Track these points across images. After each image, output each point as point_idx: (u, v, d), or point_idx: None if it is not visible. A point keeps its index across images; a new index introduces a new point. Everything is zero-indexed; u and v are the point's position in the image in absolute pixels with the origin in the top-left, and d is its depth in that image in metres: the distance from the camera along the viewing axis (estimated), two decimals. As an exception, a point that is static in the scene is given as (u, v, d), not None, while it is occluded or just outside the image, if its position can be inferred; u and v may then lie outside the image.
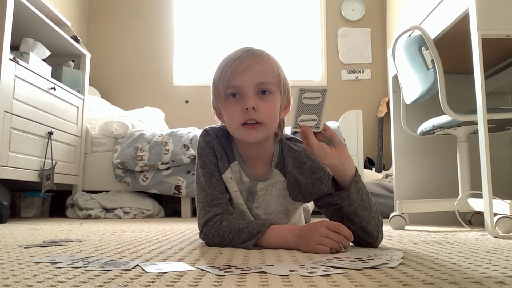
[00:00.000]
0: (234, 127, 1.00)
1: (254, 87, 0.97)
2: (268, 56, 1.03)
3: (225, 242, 0.97)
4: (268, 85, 0.98)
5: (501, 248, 0.98)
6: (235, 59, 0.98)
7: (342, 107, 3.63)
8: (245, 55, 0.99)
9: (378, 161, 3.58)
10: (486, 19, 1.33)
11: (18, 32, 2.19)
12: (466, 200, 1.62)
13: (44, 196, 2.43)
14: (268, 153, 1.08)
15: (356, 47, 3.97)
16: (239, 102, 0.98)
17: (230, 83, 0.98)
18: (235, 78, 0.97)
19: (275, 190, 1.09)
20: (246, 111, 0.96)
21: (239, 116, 0.97)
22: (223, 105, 1.01)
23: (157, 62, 3.94)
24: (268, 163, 1.09)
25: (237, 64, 0.97)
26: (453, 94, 1.67)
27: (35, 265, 0.70)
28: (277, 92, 1.01)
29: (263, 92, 0.98)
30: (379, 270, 0.67)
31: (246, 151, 1.08)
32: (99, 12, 4.00)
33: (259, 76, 0.97)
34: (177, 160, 2.50)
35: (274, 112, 1.00)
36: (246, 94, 0.97)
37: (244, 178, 1.08)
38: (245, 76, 0.97)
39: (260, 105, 0.97)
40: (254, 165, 1.09)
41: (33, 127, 2.15)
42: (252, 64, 0.97)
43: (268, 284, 0.56)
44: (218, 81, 1.00)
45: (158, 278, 0.60)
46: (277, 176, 1.08)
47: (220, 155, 1.07)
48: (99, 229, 1.56)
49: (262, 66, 0.99)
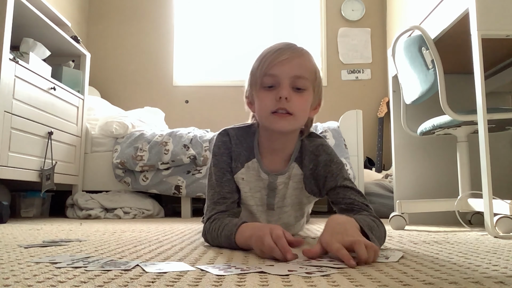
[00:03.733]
0: (264, 114, 1.01)
1: (290, 78, 0.99)
2: (308, 53, 1.05)
3: (214, 241, 0.99)
4: (303, 80, 1.00)
5: (501, 248, 0.98)
6: (275, 50, 1.01)
7: (342, 107, 3.63)
8: (286, 47, 1.01)
9: (378, 161, 3.58)
10: (486, 19, 1.33)
11: (18, 32, 2.19)
12: (466, 200, 1.62)
13: (44, 196, 2.43)
14: (289, 148, 1.10)
15: (356, 47, 3.97)
16: (273, 91, 0.99)
17: (267, 72, 0.99)
18: (274, 67, 0.99)
19: (292, 183, 1.10)
20: (279, 100, 0.97)
21: (271, 104, 0.99)
22: (257, 93, 1.02)
23: (157, 62, 3.94)
24: (287, 158, 1.10)
25: (277, 55, 0.99)
26: (453, 94, 1.67)
27: (35, 265, 0.70)
28: (310, 89, 1.03)
29: (297, 87, 1.00)
30: (379, 270, 0.67)
31: (270, 143, 1.09)
32: (99, 12, 4.00)
33: (297, 69, 0.99)
34: (177, 160, 2.50)
35: (305, 107, 1.02)
36: (281, 84, 0.98)
37: (262, 175, 1.09)
38: (283, 67, 0.98)
39: (293, 97, 0.98)
40: (273, 160, 1.10)
41: (33, 127, 2.15)
42: (292, 57, 0.99)
43: (268, 284, 0.56)
44: (256, 69, 1.02)
45: (158, 278, 0.60)
46: (295, 169, 1.10)
47: (236, 156, 1.09)
48: (99, 229, 1.56)
49: (301, 60, 1.01)
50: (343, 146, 2.56)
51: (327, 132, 2.58)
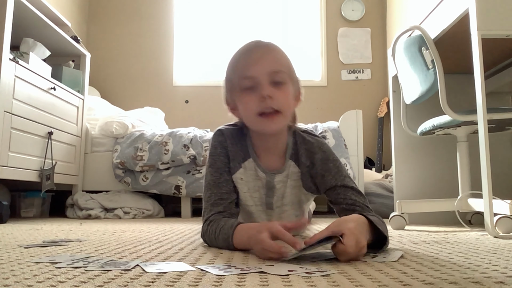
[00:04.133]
0: (251, 118, 1.01)
1: (268, 75, 0.98)
2: (277, 46, 1.05)
3: (213, 243, 0.98)
4: (281, 74, 1.00)
5: (501, 248, 0.98)
6: (246, 51, 1.01)
7: (342, 107, 3.63)
8: (255, 46, 1.02)
9: (378, 161, 3.58)
10: (486, 19, 1.33)
11: (18, 32, 2.19)
12: (466, 200, 1.62)
13: (44, 196, 2.43)
14: (282, 145, 1.09)
15: (356, 47, 3.97)
16: (255, 92, 0.98)
17: (244, 74, 0.99)
18: (249, 69, 0.99)
19: (290, 181, 1.10)
20: (262, 100, 0.97)
21: (255, 106, 0.98)
22: (239, 98, 1.02)
23: (157, 62, 3.94)
24: (282, 155, 1.10)
25: (249, 55, 1.00)
26: (453, 94, 1.67)
27: (35, 265, 0.70)
28: (289, 81, 1.02)
29: (276, 82, 0.99)
30: (379, 270, 0.67)
31: (262, 143, 1.08)
32: (99, 12, 4.00)
33: (272, 65, 0.99)
34: (177, 160, 2.50)
35: (289, 100, 1.02)
36: (261, 83, 0.98)
37: (260, 174, 1.09)
38: (258, 65, 0.98)
39: (276, 93, 0.98)
40: (268, 158, 1.10)
41: (33, 127, 2.15)
42: (264, 53, 1.00)
43: (268, 284, 0.56)
44: (232, 74, 1.02)
45: (158, 278, 0.60)
46: (291, 168, 1.09)
47: (234, 155, 1.08)
48: (99, 229, 1.56)
49: (273, 55, 1.01)
50: (343, 146, 2.56)
51: (327, 132, 2.58)
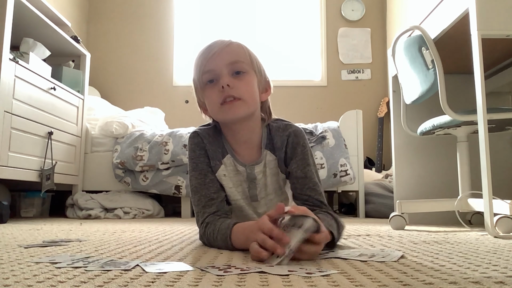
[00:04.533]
0: (215, 109, 1.03)
1: (227, 67, 1.00)
2: (237, 42, 1.07)
3: (213, 245, 0.98)
4: (239, 64, 1.02)
5: (501, 248, 0.98)
6: (205, 49, 1.04)
7: (342, 107, 3.63)
8: (214, 43, 1.04)
9: (378, 161, 3.58)
10: (486, 19, 1.33)
11: (18, 32, 2.19)
12: (466, 200, 1.62)
13: (44, 196, 2.43)
14: (257, 138, 1.10)
15: (356, 47, 3.97)
16: (216, 85, 1.01)
17: (204, 70, 1.02)
18: (208, 64, 1.02)
19: (269, 170, 1.11)
20: (222, 90, 0.99)
21: (217, 97, 1.01)
22: (203, 94, 1.05)
23: (157, 62, 3.94)
24: (258, 147, 1.11)
25: (207, 52, 1.03)
26: (453, 94, 1.67)
27: (35, 265, 0.70)
28: (251, 71, 1.04)
29: (237, 72, 1.01)
30: (379, 270, 0.67)
31: (235, 136, 1.09)
32: (99, 12, 4.00)
33: (230, 56, 1.01)
34: (177, 160, 2.50)
35: (250, 88, 1.03)
36: (220, 75, 1.00)
37: (239, 168, 1.10)
38: (216, 59, 1.01)
39: (235, 82, 1.00)
40: (245, 152, 1.11)
41: (33, 127, 2.15)
42: (221, 48, 1.02)
43: (268, 284, 0.56)
44: (195, 73, 1.05)
45: (158, 278, 0.60)
46: (268, 156, 1.10)
47: (212, 154, 1.09)
48: (99, 229, 1.56)
49: (231, 48, 1.03)
50: (343, 146, 2.57)
51: (327, 132, 2.58)
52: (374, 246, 1.02)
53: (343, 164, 2.51)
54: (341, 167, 2.50)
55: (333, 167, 2.49)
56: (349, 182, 2.53)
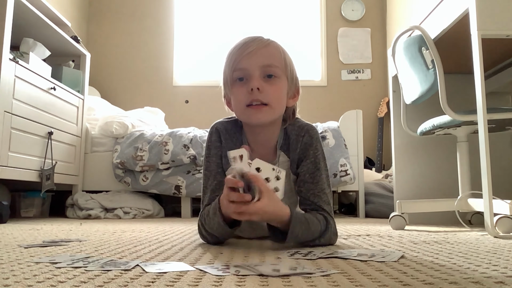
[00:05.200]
0: (240, 109, 1.02)
1: (260, 69, 0.99)
2: (274, 42, 1.05)
3: (207, 228, 1.00)
4: (273, 68, 1.00)
5: (501, 248, 0.98)
6: (241, 44, 1.02)
7: (342, 107, 3.63)
8: (251, 40, 1.02)
9: (378, 161, 3.58)
10: (486, 19, 1.33)
11: (18, 32, 2.19)
12: (466, 200, 1.62)
13: (44, 196, 2.43)
14: (274, 139, 1.10)
15: (356, 47, 3.97)
16: (245, 84, 1.00)
17: (236, 67, 1.00)
18: (241, 61, 1.00)
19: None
20: (251, 92, 0.98)
21: (244, 98, 0.99)
22: (231, 89, 1.04)
23: (157, 62, 3.94)
24: (275, 148, 1.11)
25: (243, 49, 1.01)
26: (453, 94, 1.67)
27: (35, 265, 0.70)
28: (283, 77, 1.03)
29: (269, 76, 1.00)
30: (379, 270, 0.67)
31: (255, 136, 1.09)
32: (99, 12, 4.00)
33: (265, 59, 1.00)
34: (177, 160, 2.50)
35: (279, 95, 1.02)
36: (251, 76, 0.99)
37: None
38: (251, 59, 0.99)
39: (265, 87, 0.99)
40: (262, 151, 1.10)
41: (33, 127, 2.15)
42: (258, 48, 1.00)
43: (268, 284, 0.56)
44: (226, 67, 1.03)
45: (158, 278, 0.60)
46: (281, 157, 1.10)
47: (229, 149, 1.08)
48: (99, 229, 1.56)
49: (267, 50, 1.02)
50: (343, 146, 2.57)
51: (327, 132, 2.58)
52: (374, 246, 1.02)
53: (343, 164, 2.51)
54: (341, 167, 2.50)
55: (333, 167, 2.49)
56: (349, 182, 2.53)
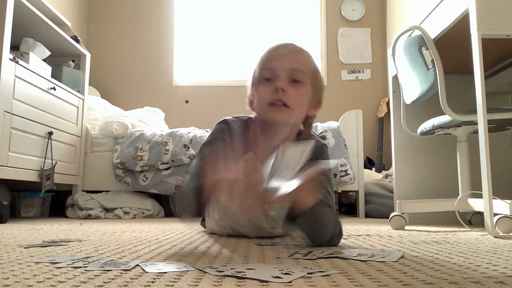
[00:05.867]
0: (262, 107, 1.04)
1: (288, 72, 1.01)
2: (308, 52, 1.07)
3: (181, 187, 1.02)
4: (301, 73, 1.02)
5: (501, 248, 0.98)
6: (274, 47, 1.05)
7: (342, 107, 3.63)
8: (285, 45, 1.05)
9: (378, 161, 3.58)
10: (486, 19, 1.33)
11: (18, 32, 2.19)
12: (466, 200, 1.62)
13: (44, 196, 2.43)
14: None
15: (356, 47, 3.97)
16: (271, 84, 1.02)
17: (265, 66, 1.03)
18: (271, 62, 1.03)
19: None
20: (275, 91, 1.00)
21: (268, 96, 1.02)
22: (256, 88, 1.06)
23: (157, 62, 3.94)
24: None
25: (275, 51, 1.04)
26: (453, 94, 1.67)
27: (35, 265, 0.70)
28: (308, 84, 1.04)
29: (295, 80, 1.02)
30: (379, 270, 0.66)
31: (267, 139, 1.08)
32: (99, 12, 4.00)
33: (294, 63, 1.02)
34: (177, 160, 2.50)
35: (301, 100, 1.04)
36: (278, 77, 1.01)
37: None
38: (281, 61, 1.02)
39: (290, 89, 1.01)
40: (269, 155, 1.09)
41: (33, 127, 2.15)
42: (290, 52, 1.04)
43: (268, 284, 0.56)
44: (256, 68, 1.06)
45: (158, 278, 0.60)
46: None
47: (235, 147, 1.10)
48: (99, 229, 1.56)
49: (299, 56, 1.04)
50: (343, 146, 2.56)
51: (327, 132, 2.58)
52: (374, 246, 1.02)
53: (343, 164, 2.51)
54: (341, 167, 2.50)
55: (333, 167, 2.49)
56: (349, 182, 2.53)
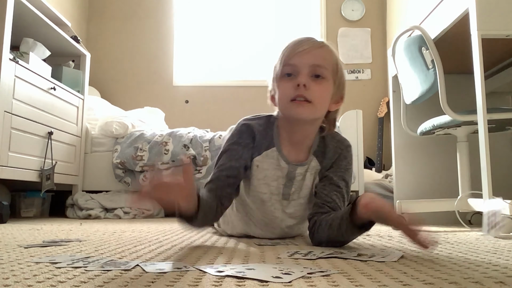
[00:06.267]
0: (284, 103, 1.04)
1: (309, 67, 1.01)
2: (329, 46, 1.07)
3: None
4: (322, 69, 1.02)
5: (501, 248, 0.98)
6: (296, 42, 1.05)
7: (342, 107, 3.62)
8: (306, 39, 1.05)
9: (378, 161, 3.58)
10: (486, 19, 1.33)
11: (18, 32, 2.19)
12: (466, 200, 1.62)
13: (44, 196, 2.43)
14: (309, 141, 1.12)
15: (356, 47, 3.97)
16: (293, 80, 1.02)
17: (287, 62, 1.03)
18: (293, 58, 1.03)
19: (309, 175, 1.12)
20: (297, 87, 1.00)
21: (289, 92, 1.02)
22: (278, 83, 1.05)
23: (157, 62, 3.94)
24: (306, 150, 1.12)
25: (296, 46, 1.03)
26: (453, 94, 1.67)
27: (35, 265, 0.70)
28: (330, 79, 1.05)
29: (316, 76, 1.02)
30: (379, 270, 0.66)
31: (290, 135, 1.10)
32: (99, 12, 4.00)
33: (316, 59, 1.02)
34: (177, 160, 2.50)
35: (324, 95, 1.04)
36: (300, 72, 1.01)
37: (282, 164, 1.10)
38: (302, 57, 1.02)
39: (312, 85, 1.01)
40: (292, 150, 1.12)
41: (33, 127, 2.15)
42: (311, 48, 1.03)
43: (268, 284, 0.56)
44: (277, 63, 1.06)
45: (158, 278, 0.60)
46: (313, 162, 1.12)
47: (258, 142, 1.10)
48: (99, 229, 1.56)
49: (320, 51, 1.04)
50: (343, 146, 2.56)
51: (327, 132, 2.58)
52: (374, 246, 1.02)
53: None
54: (341, 167, 2.50)
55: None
56: (349, 182, 2.53)
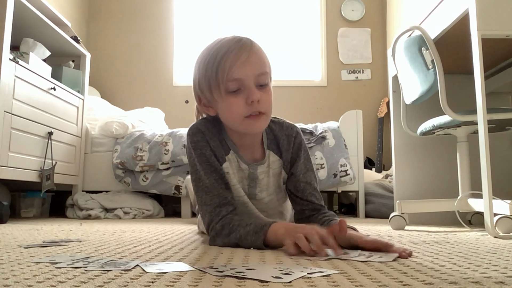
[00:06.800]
0: (237, 121, 1.00)
1: (254, 78, 0.98)
2: (258, 45, 1.04)
3: (231, 240, 0.96)
4: (265, 76, 1.00)
5: (501, 248, 0.98)
6: (231, 51, 0.97)
7: (342, 107, 3.63)
8: (241, 47, 0.98)
9: (378, 161, 3.58)
10: (486, 19, 1.33)
11: (18, 32, 2.19)
12: (466, 200, 1.62)
13: (44, 196, 2.43)
14: (258, 138, 1.11)
15: (356, 47, 3.97)
16: (240, 95, 0.98)
17: (231, 77, 0.96)
18: (236, 71, 0.96)
19: (272, 170, 1.12)
20: (250, 104, 0.97)
21: (242, 109, 0.98)
22: (222, 98, 0.99)
23: (157, 62, 3.94)
24: (260, 147, 1.12)
25: (236, 57, 0.96)
26: (453, 94, 1.67)
27: (35, 265, 0.70)
28: (269, 82, 1.04)
29: (262, 85, 1.00)
30: (379, 270, 0.66)
31: (239, 140, 1.09)
32: (99, 12, 4.00)
33: (258, 67, 0.99)
34: (177, 160, 2.50)
35: (271, 100, 1.04)
36: (248, 86, 0.97)
37: (242, 166, 1.10)
38: (245, 68, 0.97)
39: (263, 97, 0.99)
40: (248, 151, 1.11)
41: (33, 127, 2.15)
42: (250, 54, 0.98)
43: (268, 284, 0.56)
44: (214, 73, 0.97)
45: (158, 278, 0.60)
46: (271, 157, 1.11)
47: (216, 149, 1.07)
48: (99, 229, 1.56)
49: (258, 56, 1.00)
50: (343, 146, 2.56)
51: (327, 132, 2.58)
52: (374, 246, 1.02)
53: (343, 164, 2.51)
54: (341, 167, 2.50)
55: (333, 167, 2.49)
56: (349, 182, 2.54)
